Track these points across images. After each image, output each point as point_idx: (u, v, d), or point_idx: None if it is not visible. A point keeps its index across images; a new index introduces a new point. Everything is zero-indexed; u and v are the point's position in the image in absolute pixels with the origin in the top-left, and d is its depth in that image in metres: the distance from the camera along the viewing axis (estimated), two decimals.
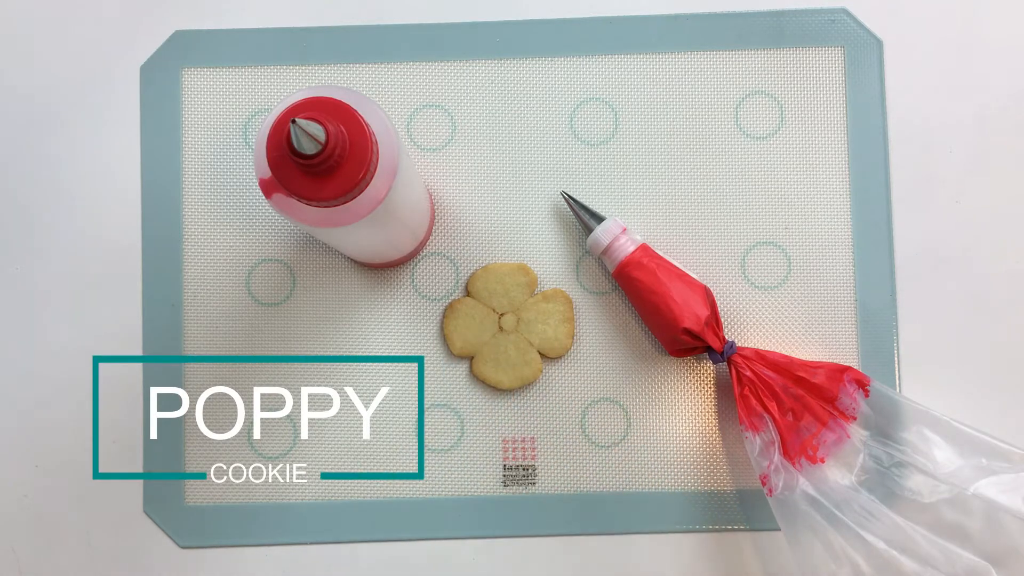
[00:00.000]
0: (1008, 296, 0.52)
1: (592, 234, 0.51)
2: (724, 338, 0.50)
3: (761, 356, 0.49)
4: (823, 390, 0.49)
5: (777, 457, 0.48)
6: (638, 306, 0.51)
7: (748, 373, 0.49)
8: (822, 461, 0.48)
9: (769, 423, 0.48)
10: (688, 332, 0.48)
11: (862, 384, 0.49)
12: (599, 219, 0.51)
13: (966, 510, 0.47)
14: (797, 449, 0.48)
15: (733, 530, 0.51)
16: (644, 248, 0.50)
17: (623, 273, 0.50)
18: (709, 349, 0.49)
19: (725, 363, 0.50)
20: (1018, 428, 0.51)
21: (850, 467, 0.49)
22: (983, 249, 0.53)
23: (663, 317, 0.49)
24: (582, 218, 0.51)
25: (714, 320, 0.49)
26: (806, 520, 0.47)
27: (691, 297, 0.49)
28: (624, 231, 0.50)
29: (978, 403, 0.52)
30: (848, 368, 0.49)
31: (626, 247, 0.50)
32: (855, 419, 0.49)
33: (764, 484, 0.48)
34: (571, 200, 0.52)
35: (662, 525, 0.51)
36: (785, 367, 0.49)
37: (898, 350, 0.52)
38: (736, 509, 0.51)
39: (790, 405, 0.49)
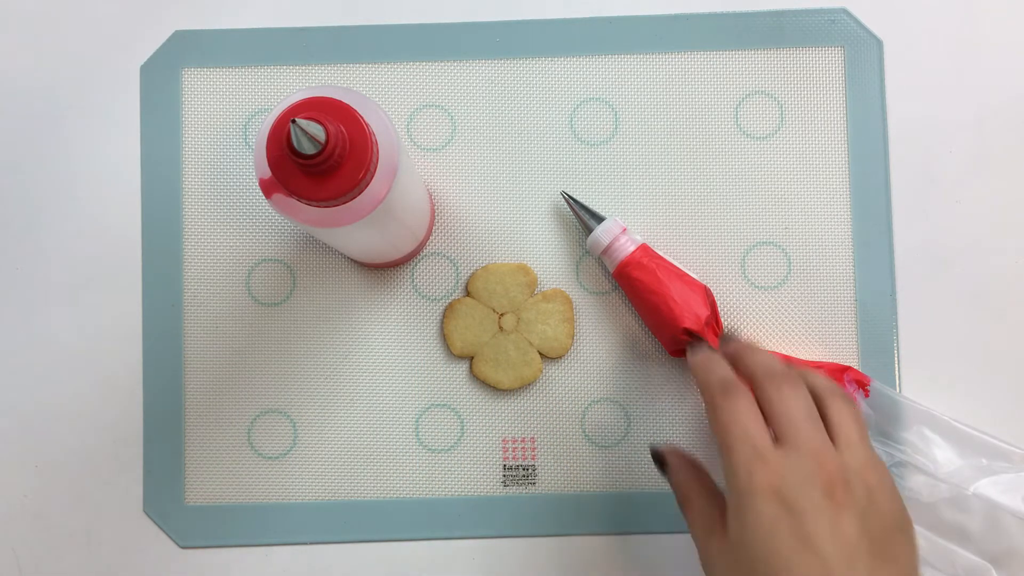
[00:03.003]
0: (1008, 296, 0.52)
1: (592, 234, 0.51)
2: None
3: None
4: None
5: None
6: (638, 306, 0.50)
7: None
8: None
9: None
10: (688, 332, 0.48)
11: (862, 384, 0.49)
12: (599, 219, 0.51)
13: (966, 510, 0.47)
14: None
15: None
16: (644, 248, 0.50)
17: (623, 273, 0.50)
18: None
19: None
20: (1018, 428, 0.51)
21: None
22: (983, 249, 0.53)
23: (663, 317, 0.49)
24: (582, 218, 0.51)
25: (714, 320, 0.49)
26: None
27: (691, 297, 0.49)
28: (624, 231, 0.50)
29: (978, 403, 0.52)
30: (848, 368, 0.49)
31: (626, 247, 0.50)
32: None
33: None
34: (571, 200, 0.52)
35: (662, 525, 0.51)
36: None
37: (898, 350, 0.52)
38: None
39: None
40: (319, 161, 0.36)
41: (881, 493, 0.37)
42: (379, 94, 0.53)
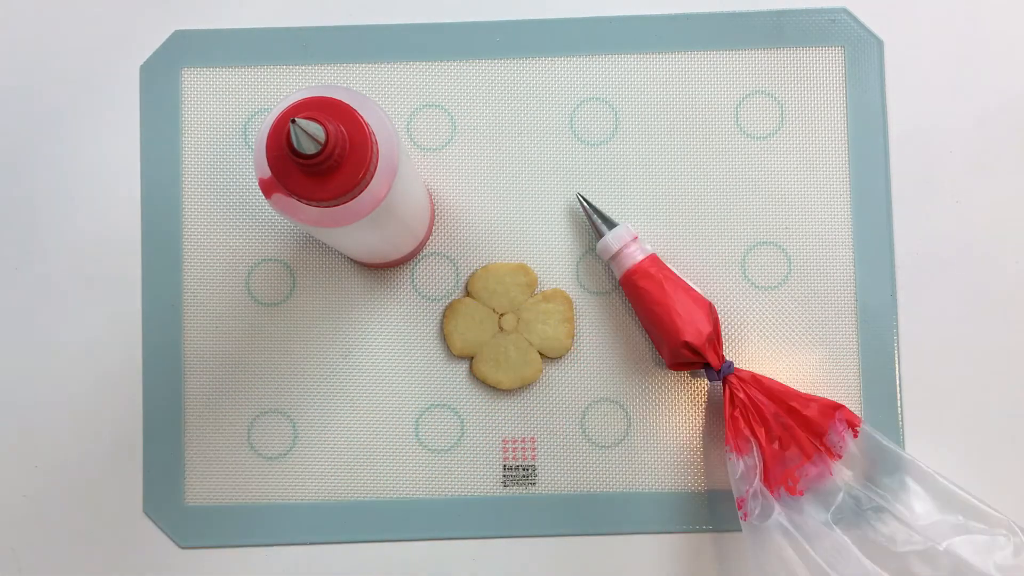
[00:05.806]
0: (1008, 296, 0.52)
1: (603, 239, 0.50)
2: (723, 356, 0.49)
3: (757, 381, 0.49)
4: (813, 424, 0.48)
5: (757, 483, 0.47)
6: (641, 316, 0.50)
7: (741, 395, 0.48)
8: (800, 494, 0.48)
9: (755, 448, 0.48)
10: (689, 346, 0.48)
11: (852, 424, 0.49)
12: (611, 224, 0.51)
13: (935, 566, 0.46)
14: (778, 478, 0.48)
15: (734, 531, 0.51)
16: (653, 258, 0.50)
17: (629, 281, 0.50)
18: (707, 366, 0.49)
19: (720, 382, 0.49)
20: (1018, 428, 0.51)
21: (827, 504, 0.48)
22: (983, 249, 0.53)
23: (665, 329, 0.49)
24: (594, 222, 0.51)
25: (715, 337, 0.49)
26: (777, 551, 0.47)
27: (695, 312, 0.49)
28: (635, 239, 0.50)
29: (977, 403, 0.52)
30: (841, 406, 0.49)
31: (635, 255, 0.50)
32: (840, 457, 0.49)
33: (740, 508, 0.48)
34: (585, 202, 0.52)
35: (662, 525, 0.51)
36: (779, 395, 0.48)
37: (898, 350, 0.52)
38: (737, 509, 0.51)
39: (778, 433, 0.48)
40: (319, 161, 0.37)
41: None
42: (379, 94, 0.53)
